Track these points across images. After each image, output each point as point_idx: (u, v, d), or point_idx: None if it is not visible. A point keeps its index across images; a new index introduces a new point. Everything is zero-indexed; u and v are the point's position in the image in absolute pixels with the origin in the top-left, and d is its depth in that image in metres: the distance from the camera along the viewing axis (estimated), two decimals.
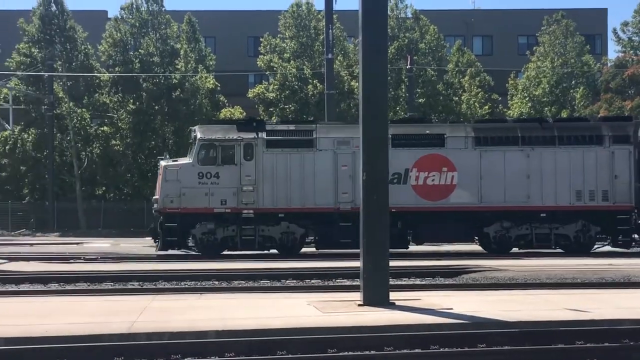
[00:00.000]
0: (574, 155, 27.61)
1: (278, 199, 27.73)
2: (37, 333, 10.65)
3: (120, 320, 11.58)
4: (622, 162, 27.46)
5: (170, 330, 10.79)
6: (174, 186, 27.67)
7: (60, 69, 52.69)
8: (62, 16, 54.00)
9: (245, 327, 10.97)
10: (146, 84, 52.90)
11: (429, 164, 27.82)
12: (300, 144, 28.08)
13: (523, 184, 27.59)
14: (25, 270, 22.45)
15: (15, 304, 14.38)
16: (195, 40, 54.93)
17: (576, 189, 27.55)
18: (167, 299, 14.92)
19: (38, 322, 11.54)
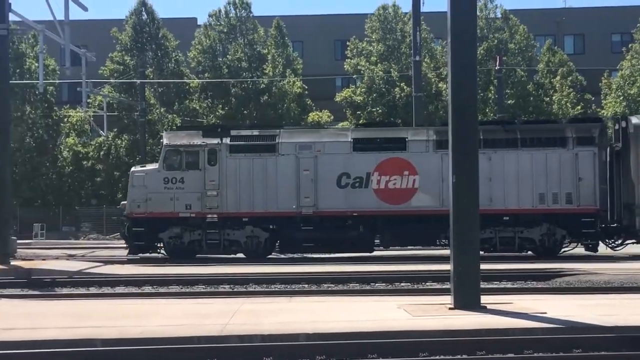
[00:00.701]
0: (537, 157, 27.15)
1: (241, 203, 28.01)
2: (133, 335, 10.86)
3: (212, 323, 11.71)
4: (586, 164, 26.91)
5: (261, 333, 10.87)
6: (141, 191, 28.26)
7: (151, 75, 53.77)
8: (154, 24, 55.20)
9: (335, 330, 10.97)
10: (235, 89, 53.60)
11: (391, 167, 27.79)
12: (263, 149, 28.29)
13: (485, 187, 26.17)
14: (120, 273, 23.01)
15: (111, 306, 14.73)
16: (283, 45, 55.37)
17: (539, 192, 27.11)
18: (257, 301, 15.02)
19: (133, 324, 11.76)
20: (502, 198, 27.21)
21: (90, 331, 11.10)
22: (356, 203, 27.69)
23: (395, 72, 52.32)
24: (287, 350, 10.12)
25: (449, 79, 13.59)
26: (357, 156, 27.72)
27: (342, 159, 27.92)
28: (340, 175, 27.81)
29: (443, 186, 26.72)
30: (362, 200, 27.56)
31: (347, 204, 27.75)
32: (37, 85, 42.68)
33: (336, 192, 27.81)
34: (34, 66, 50.54)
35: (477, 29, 16.12)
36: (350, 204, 27.75)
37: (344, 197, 27.79)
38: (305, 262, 27.03)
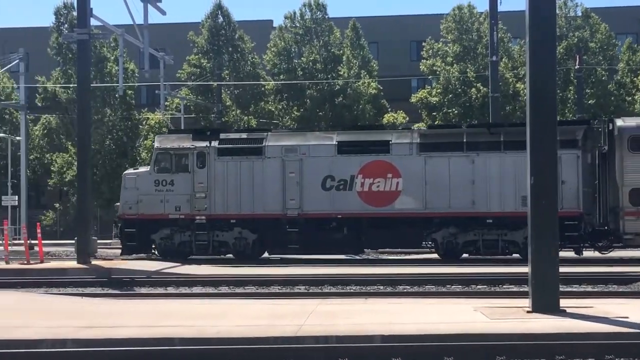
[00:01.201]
0: (520, 160, 25.64)
1: (229, 205, 28.55)
2: (210, 334, 10.97)
3: (287, 324, 11.74)
4: (569, 167, 26.34)
5: (336, 334, 10.85)
6: (132, 193, 29.13)
7: (228, 78, 54.35)
8: (230, 27, 55.81)
9: (411, 332, 10.89)
10: (310, 91, 53.77)
11: (374, 170, 27.94)
12: (251, 152, 28.80)
13: (468, 190, 27.16)
14: (197, 273, 23.31)
15: (189, 305, 14.93)
16: (359, 47, 55.36)
17: (522, 195, 25.67)
18: (333, 303, 15.01)
19: (210, 323, 11.87)
20: (485, 201, 27.19)
21: (169, 330, 11.23)
22: (340, 205, 28.04)
23: (471, 72, 51.84)
24: (362, 352, 10.08)
25: (527, 78, 13.37)
26: (341, 159, 28.12)
27: (327, 161, 28.28)
28: (325, 178, 28.18)
29: (426, 189, 27.39)
30: (346, 202, 27.91)
31: (331, 206, 28.09)
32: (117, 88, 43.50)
33: (321, 195, 28.22)
34: (114, 70, 51.54)
35: (556, 27, 15.83)
36: (334, 206, 28.09)
37: (329, 199, 28.16)
38: (380, 263, 26.96)
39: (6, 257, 25.82)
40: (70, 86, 51.12)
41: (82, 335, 11.03)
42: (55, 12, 55.36)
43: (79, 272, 23.44)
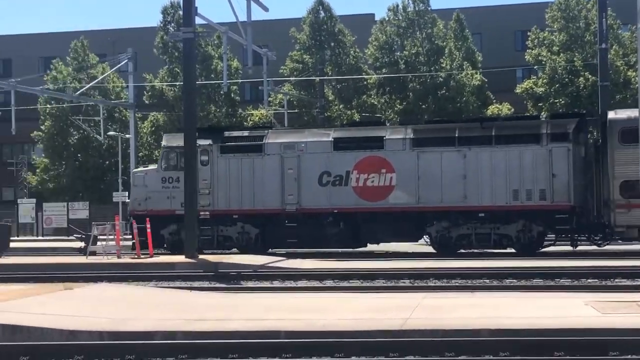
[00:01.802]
0: (511, 154, 27.10)
1: (231, 201, 29.39)
2: (317, 327, 11.03)
3: (393, 317, 11.69)
4: (560, 160, 26.60)
5: (443, 328, 10.75)
6: (141, 190, 30.32)
7: (330, 72, 54.53)
8: (331, 22, 55.91)
9: (519, 327, 10.69)
10: (412, 84, 53.43)
11: (369, 165, 28.44)
12: (251, 149, 29.60)
13: (460, 184, 27.38)
14: (302, 267, 23.46)
15: (295, 299, 15.04)
16: (463, 38, 54.72)
17: (513, 189, 27.01)
18: (438, 296, 14.90)
19: (316, 316, 11.92)
20: (476, 195, 27.37)
21: (275, 323, 11.33)
22: (336, 200, 28.62)
23: (578, 61, 50.51)
24: (469, 346, 9.95)
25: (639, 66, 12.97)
26: (337, 155, 28.76)
27: (324, 157, 28.92)
28: (321, 174, 28.80)
29: (419, 183, 27.76)
30: (342, 197, 28.49)
31: (328, 201, 28.71)
32: (221, 85, 44.25)
33: (318, 190, 28.84)
34: (218, 67, 52.38)
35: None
36: (331, 202, 28.70)
37: (325, 194, 28.78)
38: (485, 257, 26.58)
39: (118, 251, 26.55)
40: (176, 84, 52.26)
41: (191, 327, 11.25)
42: (162, 11, 56.67)
43: (187, 267, 23.90)
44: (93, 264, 24.67)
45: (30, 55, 66.51)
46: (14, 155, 66.21)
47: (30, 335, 11.07)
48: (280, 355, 9.88)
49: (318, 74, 53.11)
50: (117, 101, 53.62)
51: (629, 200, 26.10)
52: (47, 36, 67.75)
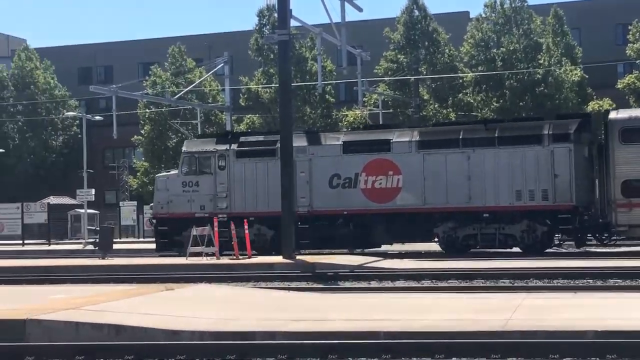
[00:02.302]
0: (514, 155, 27.39)
1: (247, 204, 30.25)
2: (416, 328, 10.93)
3: (493, 318, 11.50)
4: (562, 160, 26.81)
5: (545, 329, 10.52)
6: (163, 194, 31.47)
7: (424, 72, 54.19)
8: (425, 21, 55.56)
9: (627, 328, 10.38)
10: (509, 81, 52.62)
11: (377, 168, 28.92)
12: (265, 154, 30.21)
13: (464, 185, 27.66)
14: (400, 267, 23.34)
15: (393, 299, 14.96)
16: (561, 34, 53.59)
17: (516, 189, 27.28)
18: (539, 297, 14.59)
19: (415, 317, 11.82)
20: (481, 196, 27.71)
21: (374, 324, 11.28)
22: (346, 202, 29.21)
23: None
24: (574, 348, 9.71)
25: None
26: (346, 158, 29.39)
27: (334, 161, 29.62)
28: (332, 177, 29.48)
29: (425, 185, 28.21)
30: (351, 199, 29.10)
31: (338, 203, 29.31)
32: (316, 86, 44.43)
33: (328, 192, 29.53)
34: (313, 68, 52.62)
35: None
36: (340, 203, 29.27)
37: (335, 196, 29.40)
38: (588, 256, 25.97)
39: (217, 253, 26.96)
40: (271, 86, 52.72)
41: (290, 328, 11.31)
42: (257, 14, 57.31)
43: (285, 267, 24.06)
44: (193, 265, 25.08)
45: (130, 62, 68.20)
46: (116, 159, 67.77)
47: (134, 335, 11.32)
48: (380, 355, 9.84)
49: (412, 73, 52.89)
50: (214, 104, 54.37)
51: (630, 199, 26.17)
52: (146, 43, 69.36)
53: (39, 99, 61.38)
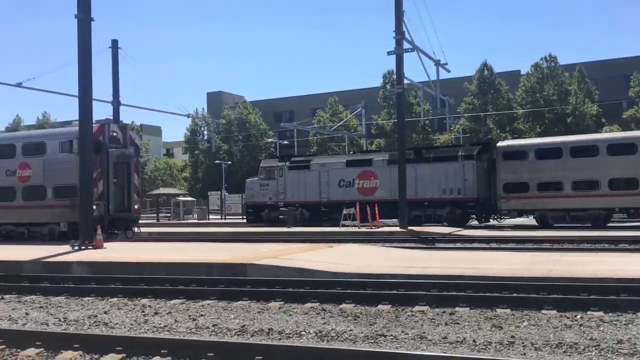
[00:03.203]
0: (441, 168, 28.63)
1: (294, 196, 32.07)
2: (488, 273, 10.57)
3: (540, 268, 10.97)
4: (469, 171, 28.03)
5: (577, 276, 9.92)
6: (250, 191, 33.89)
7: (490, 109, 52.41)
8: (492, 76, 53.96)
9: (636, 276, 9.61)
10: (548, 115, 49.89)
11: (364, 175, 30.61)
12: (304, 167, 32.35)
13: (413, 186, 28.10)
14: (476, 234, 22.48)
15: (471, 255, 14.46)
16: (584, 82, 50.38)
17: (442, 188, 28.53)
18: (572, 255, 13.75)
19: (485, 266, 11.41)
20: (423, 192, 28.77)
21: (459, 270, 11.01)
22: (347, 195, 30.64)
23: None
24: (598, 288, 9.10)
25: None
26: (348, 170, 31.15)
27: (341, 171, 31.27)
28: (339, 180, 31.24)
29: (392, 185, 28.41)
30: (350, 194, 30.61)
31: (343, 196, 30.74)
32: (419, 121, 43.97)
33: (338, 190, 31.23)
34: (417, 109, 51.93)
35: None
36: (344, 196, 30.61)
37: (342, 192, 31.02)
38: (605, 229, 24.23)
39: (358, 224, 27.07)
40: (391, 121, 52.41)
41: (406, 271, 11.20)
42: (383, 76, 57.27)
43: (401, 234, 23.85)
44: (344, 232, 25.28)
45: (304, 108, 69.39)
46: None
47: (310, 274, 11.52)
48: (465, 290, 9.59)
49: (482, 111, 51.25)
50: (355, 133, 54.65)
51: (508, 194, 27.07)
52: (313, 96, 70.37)
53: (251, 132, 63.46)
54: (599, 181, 25.29)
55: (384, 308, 8.65)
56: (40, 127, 62.36)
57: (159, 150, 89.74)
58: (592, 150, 25.93)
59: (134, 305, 9.53)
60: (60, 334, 7.05)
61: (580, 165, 25.69)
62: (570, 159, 25.96)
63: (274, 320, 8.12)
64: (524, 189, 26.57)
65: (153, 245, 19.02)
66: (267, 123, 66.32)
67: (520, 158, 27.10)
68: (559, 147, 26.67)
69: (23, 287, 11.44)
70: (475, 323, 7.60)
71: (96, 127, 20.67)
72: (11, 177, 22.49)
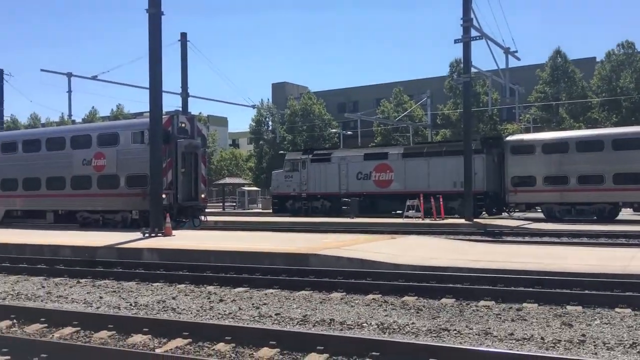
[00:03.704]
0: (452, 161, 28.55)
1: (316, 187, 33.34)
2: (556, 269, 10.21)
3: (616, 264, 10.49)
4: (478, 164, 27.84)
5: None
6: (275, 182, 35.30)
7: (563, 98, 50.32)
8: (565, 64, 51.59)
9: None
10: (625, 103, 47.39)
11: (380, 168, 31.32)
12: (325, 160, 33.48)
13: (425, 179, 29.70)
14: (544, 228, 21.78)
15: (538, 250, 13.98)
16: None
17: (454, 181, 28.63)
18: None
19: (556, 262, 11.01)
20: (435, 185, 29.40)
21: (524, 265, 10.67)
22: (364, 188, 31.74)
23: None
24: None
25: None
26: (365, 163, 31.97)
27: (359, 164, 32.18)
28: (357, 173, 32.18)
29: (406, 178, 30.38)
30: (367, 186, 31.64)
31: (361, 188, 31.87)
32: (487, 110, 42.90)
33: (356, 182, 32.16)
34: (484, 99, 50.60)
35: None
36: (362, 188, 31.82)
37: (360, 184, 32.01)
38: None
39: (422, 215, 26.72)
40: (457, 111, 51.32)
41: (471, 265, 10.98)
42: (449, 65, 55.98)
43: (466, 226, 23.41)
44: (407, 223, 25.05)
45: (368, 98, 69.05)
46: None
47: (371, 265, 11.49)
48: (532, 285, 9.30)
49: (554, 100, 49.27)
50: (420, 123, 53.93)
51: (516, 187, 27.74)
52: (378, 86, 69.87)
53: (315, 122, 63.76)
54: (603, 176, 25.82)
55: (447, 302, 8.53)
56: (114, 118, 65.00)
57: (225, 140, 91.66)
58: (596, 145, 26.49)
59: (200, 292, 9.82)
60: (131, 318, 7.36)
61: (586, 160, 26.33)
62: (576, 153, 26.74)
63: (336, 310, 8.16)
64: (530, 183, 27.36)
65: (219, 233, 19.53)
66: (331, 113, 66.37)
67: (528, 152, 27.80)
68: (566, 142, 27.37)
69: (97, 272, 12.03)
70: (543, 320, 7.36)
71: (165, 119, 21.32)
72: (87, 167, 23.59)
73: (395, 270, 10.88)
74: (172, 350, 6.17)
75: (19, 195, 25.48)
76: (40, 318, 7.57)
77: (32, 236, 17.87)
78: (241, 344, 6.27)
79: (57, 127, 36.48)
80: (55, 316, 7.58)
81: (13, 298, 9.68)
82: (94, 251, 14.49)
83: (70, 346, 6.12)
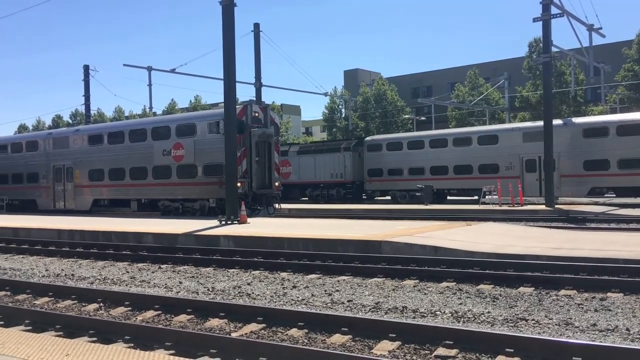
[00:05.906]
0: (330, 157, 35.54)
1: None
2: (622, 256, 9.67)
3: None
4: (347, 159, 34.92)
5: None
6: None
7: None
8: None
9: None
10: None
11: (284, 163, 33.00)
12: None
13: (311, 170, 36.08)
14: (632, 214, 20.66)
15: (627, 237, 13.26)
16: None
17: (331, 172, 35.39)
18: None
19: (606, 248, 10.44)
20: (320, 175, 35.90)
21: (612, 253, 10.17)
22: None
23: None
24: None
25: None
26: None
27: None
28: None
29: (300, 170, 37.10)
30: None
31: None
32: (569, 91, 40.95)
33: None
34: (568, 79, 48.23)
35: None
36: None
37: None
38: None
39: (499, 202, 25.98)
40: (537, 92, 49.27)
41: (551, 252, 10.57)
42: (528, 45, 53.67)
43: (546, 212, 22.53)
44: (483, 210, 24.42)
45: (442, 82, 67.61)
46: None
47: (445, 253, 11.31)
48: (619, 275, 8.84)
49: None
50: (497, 107, 52.25)
51: (371, 177, 34.62)
52: (452, 70, 68.23)
53: (388, 108, 63.17)
54: (471, 165, 30.66)
55: (525, 290, 8.26)
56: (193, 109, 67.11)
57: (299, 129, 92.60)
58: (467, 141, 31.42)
59: (274, 278, 10.02)
60: (209, 303, 7.62)
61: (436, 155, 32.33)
62: (430, 149, 32.64)
63: (409, 298, 8.10)
64: (379, 174, 34.21)
65: (292, 221, 19.82)
66: (404, 99, 65.52)
67: (377, 150, 34.67)
68: (400, 142, 34.25)
69: (178, 258, 12.53)
70: (629, 310, 7.00)
71: (239, 109, 21.80)
72: (167, 157, 24.56)
73: (470, 257, 10.65)
74: (247, 335, 6.33)
75: (105, 185, 26.91)
76: (125, 302, 7.98)
77: (117, 224, 18.83)
78: (314, 330, 6.35)
79: (138, 120, 38.17)
80: (139, 300, 7.98)
81: (100, 282, 10.26)
82: (174, 238, 15.10)
83: (152, 329, 6.41)
